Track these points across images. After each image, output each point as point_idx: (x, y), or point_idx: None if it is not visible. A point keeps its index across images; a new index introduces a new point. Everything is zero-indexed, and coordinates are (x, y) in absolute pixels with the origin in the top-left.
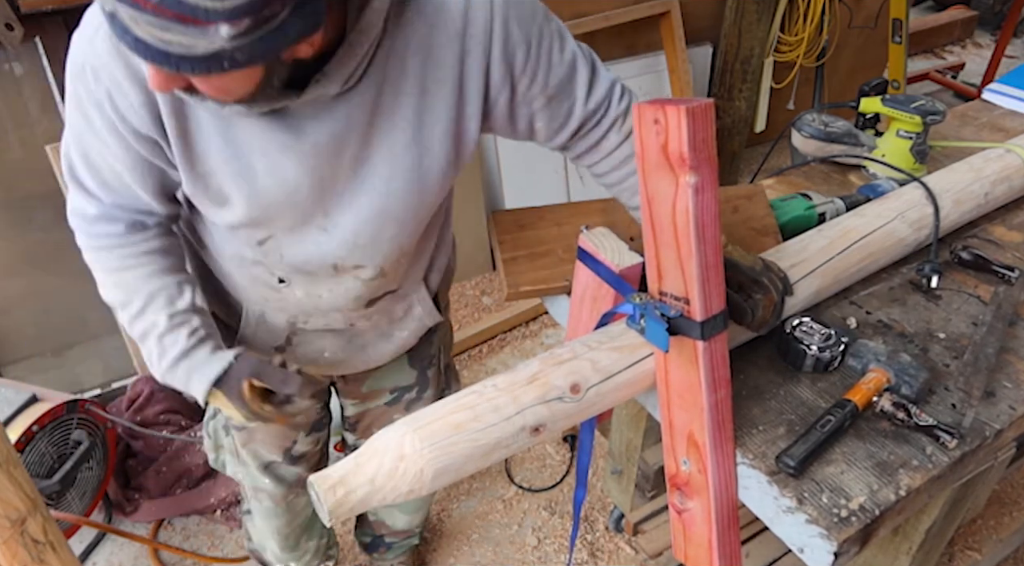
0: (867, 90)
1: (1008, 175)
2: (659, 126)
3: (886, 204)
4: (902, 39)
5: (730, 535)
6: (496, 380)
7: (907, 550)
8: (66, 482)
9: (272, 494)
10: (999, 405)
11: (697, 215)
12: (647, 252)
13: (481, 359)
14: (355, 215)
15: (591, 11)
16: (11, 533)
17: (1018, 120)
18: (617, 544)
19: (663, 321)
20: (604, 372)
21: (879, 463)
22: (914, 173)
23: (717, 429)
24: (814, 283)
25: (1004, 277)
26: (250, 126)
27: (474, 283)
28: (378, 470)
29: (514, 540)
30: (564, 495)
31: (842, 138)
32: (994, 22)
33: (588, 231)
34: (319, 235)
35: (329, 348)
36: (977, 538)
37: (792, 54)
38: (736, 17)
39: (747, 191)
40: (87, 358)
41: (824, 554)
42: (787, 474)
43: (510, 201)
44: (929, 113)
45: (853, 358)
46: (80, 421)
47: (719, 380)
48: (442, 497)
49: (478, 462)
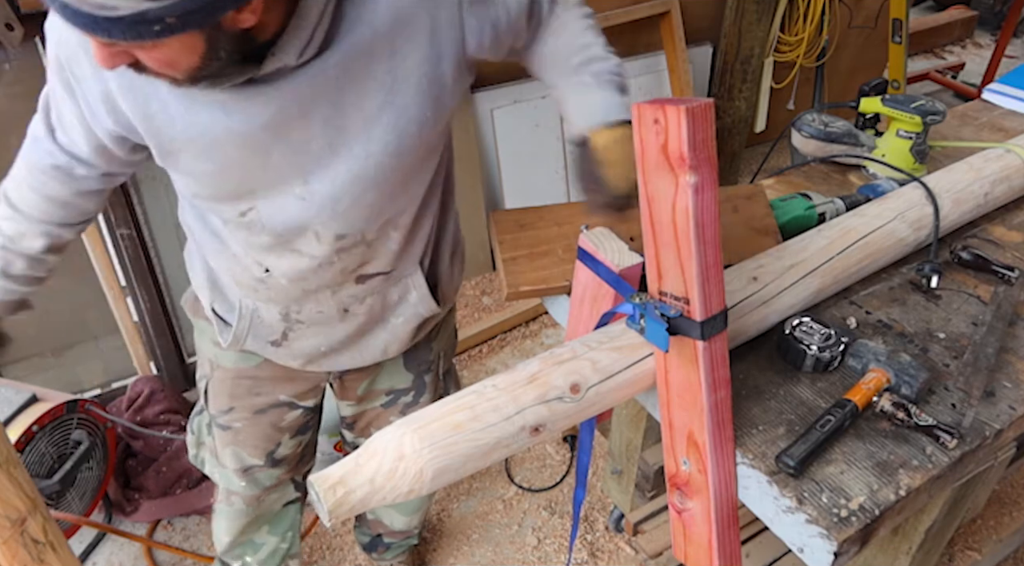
0: (867, 90)
1: (1008, 175)
2: (659, 126)
3: (886, 204)
4: (902, 39)
5: (730, 535)
6: (496, 380)
7: (907, 550)
8: (66, 482)
9: (245, 497)
10: (999, 405)
11: (697, 215)
12: (647, 252)
13: (481, 359)
14: (332, 181)
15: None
16: (11, 533)
17: (1018, 120)
18: (617, 544)
19: (663, 321)
20: (604, 372)
21: (879, 463)
22: (914, 173)
23: (717, 429)
24: (814, 283)
25: (1004, 277)
26: (212, 102)
27: (474, 283)
28: (378, 470)
29: (514, 540)
30: (564, 495)
31: (842, 138)
32: (994, 22)
33: (588, 231)
34: (298, 203)
35: (325, 341)
36: (977, 538)
37: (792, 54)
38: (736, 17)
39: (747, 191)
40: (87, 358)
41: (824, 554)
42: (787, 474)
43: (510, 201)
44: (929, 113)
45: (853, 358)
46: (80, 421)
47: (719, 380)
48: (442, 497)
49: (478, 462)
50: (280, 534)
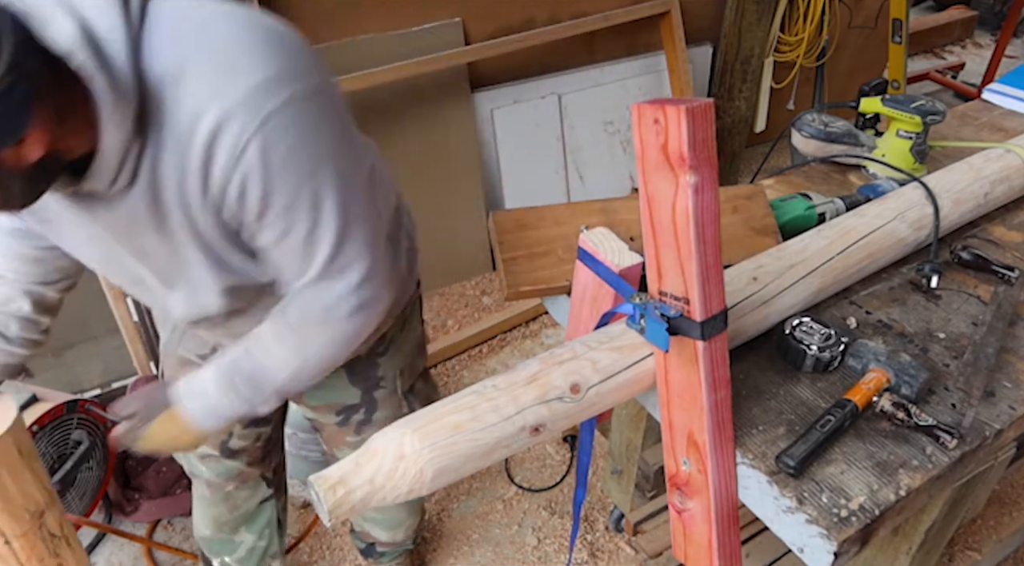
0: (867, 90)
1: (1008, 175)
2: (659, 126)
3: (886, 204)
4: (902, 39)
5: (730, 535)
6: (496, 380)
7: (907, 550)
8: (66, 482)
9: (209, 482)
10: (999, 405)
11: (697, 215)
12: (647, 252)
13: (481, 359)
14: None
15: (591, 11)
16: (30, 526)
17: (1018, 120)
18: (617, 544)
19: (663, 321)
20: (604, 372)
21: (879, 463)
22: (914, 173)
23: (717, 429)
24: (814, 283)
25: (1004, 277)
26: (59, 206)
27: (474, 283)
28: (377, 470)
29: (514, 540)
30: (564, 495)
31: (842, 138)
32: (994, 22)
33: (588, 231)
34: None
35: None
36: (977, 538)
37: (792, 54)
38: (736, 17)
39: (747, 191)
40: (87, 358)
41: (824, 554)
42: (787, 474)
43: (510, 201)
44: (929, 113)
45: (853, 358)
46: (80, 421)
47: (719, 380)
48: (442, 497)
49: (478, 462)
50: (257, 533)
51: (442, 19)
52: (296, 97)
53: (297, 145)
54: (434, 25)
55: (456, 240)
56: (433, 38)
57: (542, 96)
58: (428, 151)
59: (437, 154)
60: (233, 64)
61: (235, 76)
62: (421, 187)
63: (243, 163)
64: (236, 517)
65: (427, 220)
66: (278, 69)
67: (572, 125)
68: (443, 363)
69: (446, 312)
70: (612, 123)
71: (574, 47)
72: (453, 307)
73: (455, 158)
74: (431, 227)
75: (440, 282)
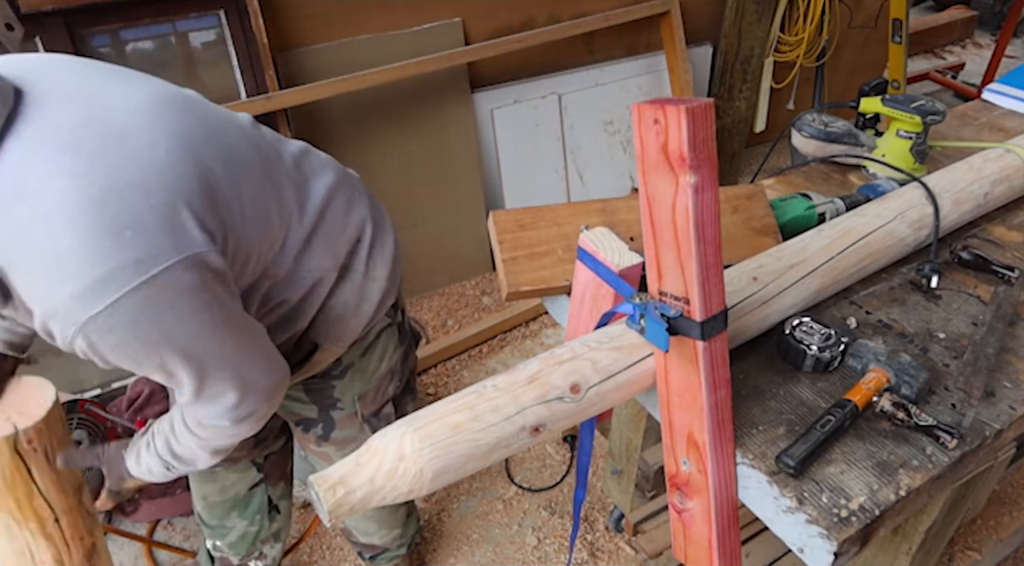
0: (867, 90)
1: (1008, 175)
2: (659, 126)
3: (886, 204)
4: (902, 39)
5: (730, 535)
6: (496, 380)
7: (907, 550)
8: None
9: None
10: (999, 405)
11: (697, 215)
12: (647, 252)
13: (481, 359)
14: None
15: (591, 11)
16: (74, 500)
17: (1018, 120)
18: (617, 544)
19: (663, 321)
20: (604, 372)
21: (879, 463)
22: (914, 173)
23: (717, 429)
24: (814, 283)
25: (1004, 277)
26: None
27: (474, 283)
28: (378, 470)
29: (514, 540)
30: (564, 495)
31: (842, 138)
32: (994, 22)
33: (588, 231)
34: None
35: None
36: (977, 538)
37: (792, 54)
38: (736, 17)
39: (747, 191)
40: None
41: (824, 554)
42: (787, 474)
43: (510, 201)
44: (929, 113)
45: (853, 358)
46: (80, 421)
47: (719, 380)
48: (442, 497)
49: (478, 462)
50: (249, 518)
51: (442, 19)
52: (126, 296)
53: (128, 337)
54: (434, 25)
55: (456, 240)
56: (433, 38)
57: (542, 96)
58: (428, 151)
59: (437, 154)
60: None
61: (59, 282)
62: (421, 187)
63: (76, 349)
64: (226, 500)
65: (427, 220)
66: (107, 271)
67: (572, 125)
68: (443, 363)
69: (446, 312)
70: (612, 123)
71: (574, 47)
72: (453, 307)
73: (455, 158)
74: (431, 227)
75: (440, 282)
